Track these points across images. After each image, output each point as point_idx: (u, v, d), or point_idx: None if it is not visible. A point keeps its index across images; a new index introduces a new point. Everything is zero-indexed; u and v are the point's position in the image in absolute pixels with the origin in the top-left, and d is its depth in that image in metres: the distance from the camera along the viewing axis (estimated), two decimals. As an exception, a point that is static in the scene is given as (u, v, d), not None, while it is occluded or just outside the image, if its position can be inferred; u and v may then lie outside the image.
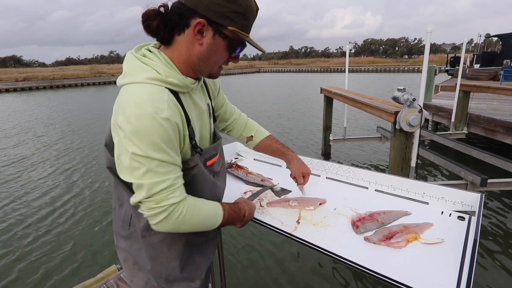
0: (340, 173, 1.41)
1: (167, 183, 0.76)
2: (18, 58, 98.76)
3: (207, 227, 0.89)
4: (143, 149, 0.72)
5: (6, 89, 27.12)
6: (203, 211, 0.86)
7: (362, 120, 9.15)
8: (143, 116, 0.71)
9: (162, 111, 0.73)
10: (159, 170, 0.74)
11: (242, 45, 0.85)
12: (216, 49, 0.81)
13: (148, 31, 0.80)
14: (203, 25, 0.77)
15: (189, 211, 0.81)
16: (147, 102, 0.73)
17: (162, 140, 0.73)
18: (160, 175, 0.75)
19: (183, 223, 0.81)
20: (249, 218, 1.05)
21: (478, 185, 3.49)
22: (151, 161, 0.73)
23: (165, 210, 0.77)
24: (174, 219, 0.79)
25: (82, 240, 3.41)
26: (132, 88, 0.77)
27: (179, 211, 0.79)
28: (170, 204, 0.77)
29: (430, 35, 3.20)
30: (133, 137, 0.71)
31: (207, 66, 0.85)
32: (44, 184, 5.07)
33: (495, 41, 25.42)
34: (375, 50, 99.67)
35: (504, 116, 5.61)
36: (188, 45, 0.81)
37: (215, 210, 0.91)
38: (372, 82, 25.36)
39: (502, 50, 15.92)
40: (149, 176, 0.74)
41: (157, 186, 0.75)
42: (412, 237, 0.95)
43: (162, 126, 0.73)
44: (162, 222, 0.78)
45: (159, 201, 0.76)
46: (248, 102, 14.31)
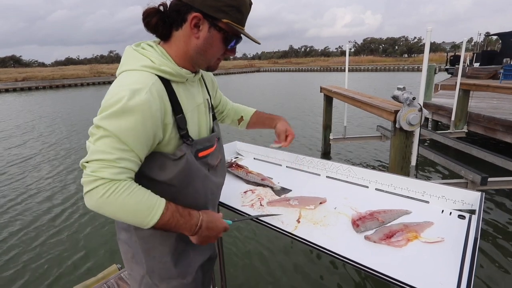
0: (340, 172, 1.41)
1: (108, 156, 0.75)
2: (18, 58, 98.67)
3: (135, 221, 0.80)
4: (104, 119, 0.75)
5: (5, 89, 27.12)
6: (133, 201, 0.77)
7: (362, 119, 9.14)
8: (117, 95, 0.75)
9: (140, 92, 0.76)
10: (109, 142, 0.75)
11: (237, 37, 0.89)
12: (212, 41, 0.85)
13: (148, 28, 0.85)
14: (199, 18, 0.81)
15: (116, 193, 0.75)
16: (127, 85, 0.77)
17: (125, 117, 0.74)
18: (107, 147, 0.75)
19: (106, 204, 0.75)
20: (209, 234, 0.91)
21: (478, 183, 3.49)
22: (105, 131, 0.74)
23: (94, 182, 0.74)
24: (99, 196, 0.74)
25: (82, 239, 3.41)
26: (125, 74, 0.82)
27: (106, 189, 0.74)
28: (99, 177, 0.74)
29: (430, 34, 3.20)
30: (101, 110, 0.76)
31: (204, 59, 0.89)
32: (50, 185, 5.07)
33: (495, 39, 25.41)
34: (375, 49, 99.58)
35: (504, 114, 5.60)
36: (186, 39, 0.85)
37: (152, 206, 0.80)
38: (372, 81, 25.35)
39: (502, 48, 15.90)
40: (98, 143, 0.75)
41: (98, 154, 0.75)
42: (413, 236, 0.95)
43: (133, 106, 0.74)
44: (88, 195, 0.75)
45: (93, 170, 0.74)
46: (248, 102, 14.31)
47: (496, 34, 17.29)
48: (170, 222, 0.82)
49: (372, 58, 64.63)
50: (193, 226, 0.87)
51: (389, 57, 76.45)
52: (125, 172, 0.78)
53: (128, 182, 0.78)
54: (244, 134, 8.11)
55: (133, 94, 0.75)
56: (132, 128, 0.75)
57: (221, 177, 1.09)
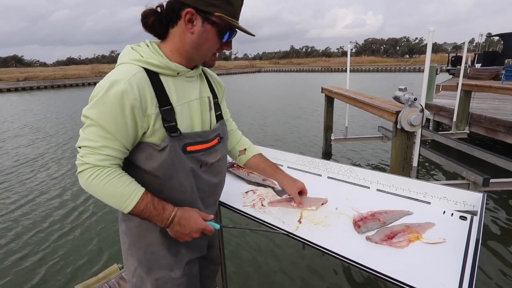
0: (341, 172, 1.41)
1: (93, 143, 0.82)
2: (19, 58, 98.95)
3: (113, 205, 0.88)
4: (89, 109, 0.82)
5: (7, 89, 27.18)
6: (112, 187, 0.85)
7: (364, 120, 9.14)
8: (100, 86, 0.82)
9: (118, 83, 0.81)
10: (94, 130, 0.82)
11: (231, 30, 0.91)
12: (207, 36, 0.88)
13: (145, 28, 0.90)
14: (192, 14, 0.85)
15: (98, 178, 0.83)
16: (112, 76, 0.83)
17: (106, 107, 0.81)
18: (93, 135, 0.82)
19: (91, 186, 0.85)
20: (181, 230, 0.92)
21: (480, 185, 3.48)
22: (91, 120, 0.82)
23: (81, 165, 0.84)
24: (85, 179, 0.84)
25: (84, 238, 3.42)
26: (116, 68, 0.88)
27: (90, 173, 0.83)
28: (85, 163, 0.83)
29: (432, 34, 3.19)
30: (89, 100, 0.83)
31: (200, 54, 0.92)
32: (57, 184, 5.08)
33: (496, 40, 25.34)
34: (376, 49, 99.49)
35: (505, 115, 5.59)
36: (181, 35, 0.89)
37: (128, 194, 0.86)
38: (373, 82, 25.33)
39: (504, 49, 15.87)
40: (86, 131, 0.83)
41: (85, 141, 0.83)
42: (414, 237, 0.95)
43: (112, 96, 0.80)
44: (78, 176, 0.86)
45: (81, 155, 0.84)
46: (250, 103, 14.31)
47: (498, 35, 17.25)
48: (144, 212, 0.88)
49: (374, 59, 64.59)
50: (165, 219, 0.90)
51: (390, 58, 76.38)
52: (109, 159, 0.85)
53: (111, 169, 0.85)
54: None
55: (111, 84, 0.80)
56: (112, 117, 0.81)
57: (217, 176, 1.06)
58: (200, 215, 0.96)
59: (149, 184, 0.91)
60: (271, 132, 8.31)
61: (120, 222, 1.05)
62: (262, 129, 8.78)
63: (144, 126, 0.86)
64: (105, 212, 3.99)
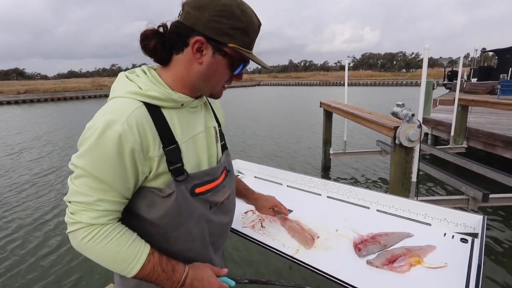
0: (341, 192, 1.41)
1: (86, 198, 0.70)
2: (21, 71, 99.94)
3: (115, 270, 0.76)
4: (79, 156, 0.70)
5: (7, 101, 27.31)
6: (112, 249, 0.72)
7: (363, 134, 9.18)
8: (94, 125, 0.69)
9: (115, 124, 0.68)
10: (87, 182, 0.70)
11: (244, 62, 0.80)
12: (216, 68, 0.77)
13: (145, 51, 0.77)
14: (202, 43, 0.73)
15: (95, 240, 0.71)
16: (106, 113, 0.71)
17: (100, 154, 0.68)
18: (86, 188, 0.70)
19: (86, 249, 0.73)
20: None
21: (479, 200, 3.47)
22: (83, 170, 0.70)
23: (73, 225, 0.72)
24: (78, 240, 0.72)
25: (80, 257, 3.36)
26: (110, 101, 0.75)
27: (84, 235, 0.71)
28: (77, 221, 0.71)
29: (428, 51, 3.26)
30: (79, 143, 0.72)
31: (208, 85, 0.81)
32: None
33: (491, 55, 25.82)
34: (373, 64, 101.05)
35: (502, 130, 5.63)
36: (187, 64, 0.77)
37: (132, 256, 0.74)
38: (372, 96, 25.59)
39: (499, 64, 16.17)
40: (76, 182, 0.71)
41: (76, 196, 0.71)
42: (415, 261, 0.94)
43: (107, 140, 0.68)
44: (70, 236, 0.73)
45: (73, 212, 0.72)
46: (250, 116, 14.39)
47: (493, 51, 17.62)
48: (151, 276, 0.76)
49: (371, 73, 65.51)
50: (175, 283, 0.78)
51: (387, 72, 77.47)
52: (106, 215, 0.73)
53: (110, 227, 0.73)
54: (245, 152, 8.13)
55: (107, 126, 0.68)
56: (109, 165, 0.69)
57: (227, 215, 0.96)
58: (213, 271, 0.85)
59: (151, 235, 0.79)
60: (268, 146, 8.32)
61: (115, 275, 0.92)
62: (260, 142, 8.79)
63: (146, 171, 0.74)
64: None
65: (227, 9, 0.72)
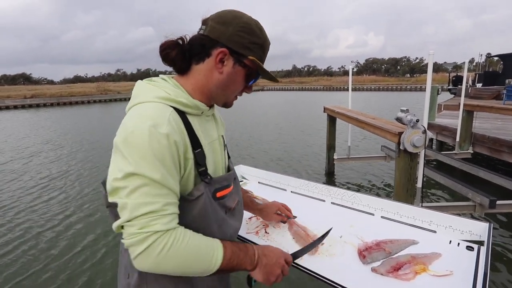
0: (345, 198, 1.41)
1: (154, 206, 0.67)
2: (28, 76, 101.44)
3: (199, 269, 0.73)
4: (133, 165, 0.67)
5: (14, 106, 27.70)
6: (194, 246, 0.72)
7: (367, 139, 9.14)
8: (139, 130, 0.68)
9: (160, 126, 0.70)
10: (148, 190, 0.68)
11: (258, 75, 0.88)
12: (235, 77, 0.84)
13: (166, 60, 0.82)
14: (225, 54, 0.80)
15: (175, 244, 0.69)
16: (146, 117, 0.71)
17: (156, 157, 0.68)
18: (148, 196, 0.67)
19: (167, 259, 0.68)
20: (269, 262, 0.83)
21: (486, 206, 3.42)
22: (141, 178, 0.67)
23: (147, 239, 0.66)
24: (157, 253, 0.67)
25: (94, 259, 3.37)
26: (138, 107, 0.76)
27: (164, 242, 0.67)
28: (153, 232, 0.66)
29: (432, 57, 3.25)
30: (125, 152, 0.68)
31: (224, 94, 0.87)
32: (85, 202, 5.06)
33: (496, 60, 25.69)
34: (377, 69, 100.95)
35: (509, 135, 5.58)
36: (207, 73, 0.82)
37: (212, 245, 0.75)
38: (376, 101, 25.52)
39: (504, 69, 16.08)
40: (135, 196, 0.67)
41: (142, 208, 0.66)
42: (421, 269, 0.94)
43: (159, 142, 0.68)
44: (143, 255, 0.67)
45: (142, 227, 0.66)
46: (255, 121, 14.42)
47: (498, 56, 17.53)
48: (232, 259, 0.77)
49: (375, 78, 65.45)
50: (252, 256, 0.81)
51: (391, 77, 77.33)
52: (175, 218, 0.72)
53: (181, 228, 0.72)
54: (249, 158, 8.13)
55: (154, 129, 0.69)
56: (166, 167, 0.70)
57: (238, 221, 0.98)
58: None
59: None
60: (272, 151, 8.32)
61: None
62: (264, 147, 8.79)
63: (182, 172, 0.76)
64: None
65: (248, 26, 0.81)
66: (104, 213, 4.50)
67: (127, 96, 37.61)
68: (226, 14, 0.81)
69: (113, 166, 0.71)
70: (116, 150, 0.71)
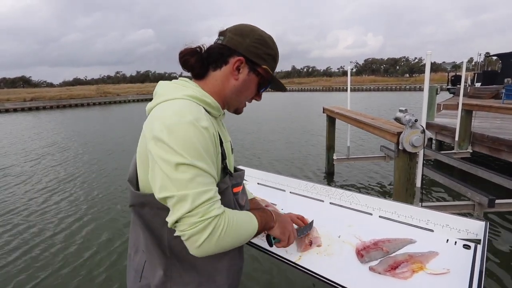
0: (343, 199, 1.42)
1: (210, 193, 0.73)
2: (27, 79, 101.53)
3: (248, 237, 0.84)
4: (186, 157, 0.70)
5: (14, 109, 27.72)
6: (240, 222, 0.80)
7: (367, 138, 9.15)
8: (184, 123, 0.72)
9: (201, 120, 0.75)
10: (202, 180, 0.72)
11: (269, 83, 0.96)
12: (249, 84, 0.92)
13: (185, 66, 0.89)
14: (241, 62, 0.88)
15: (230, 224, 0.76)
16: (186, 112, 0.75)
17: (203, 148, 0.73)
18: (204, 185, 0.72)
19: (226, 238, 0.74)
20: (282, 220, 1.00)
21: (485, 206, 3.43)
22: (195, 169, 0.71)
23: (209, 225, 0.71)
24: (218, 235, 0.72)
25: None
26: (168, 103, 0.79)
27: (222, 225, 0.73)
28: (213, 217, 0.71)
29: (430, 57, 3.27)
30: (175, 146, 0.70)
31: (238, 100, 0.94)
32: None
33: (495, 59, 25.77)
34: (376, 69, 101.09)
35: (508, 135, 5.59)
36: (224, 79, 0.89)
37: (249, 217, 0.86)
38: (375, 101, 25.55)
39: (503, 68, 16.10)
40: (193, 186, 0.70)
41: (202, 196, 0.71)
42: (418, 267, 0.95)
43: (203, 134, 0.74)
44: (208, 241, 0.71)
45: (203, 214, 0.70)
46: (255, 121, 14.44)
47: (496, 55, 17.56)
48: (262, 221, 0.90)
49: (374, 78, 65.54)
50: (271, 216, 0.97)
51: (390, 77, 77.41)
52: (220, 200, 0.78)
53: (227, 209, 0.79)
54: (247, 159, 8.14)
55: (196, 121, 0.74)
56: (211, 158, 0.76)
57: None
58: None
59: None
60: (272, 151, 8.33)
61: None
62: (265, 147, 8.81)
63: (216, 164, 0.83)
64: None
65: (263, 39, 0.90)
66: (117, 213, 4.51)
67: (127, 99, 37.66)
68: (244, 27, 0.90)
69: (161, 160, 0.71)
70: (157, 144, 0.72)
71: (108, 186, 5.86)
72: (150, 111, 0.83)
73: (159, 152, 0.71)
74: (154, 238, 0.85)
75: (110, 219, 4.40)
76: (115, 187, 5.76)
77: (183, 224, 0.70)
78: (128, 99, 37.58)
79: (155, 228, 0.84)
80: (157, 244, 0.85)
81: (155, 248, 0.85)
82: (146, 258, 0.89)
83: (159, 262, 0.85)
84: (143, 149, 0.80)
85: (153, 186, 0.75)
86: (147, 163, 0.78)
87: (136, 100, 38.00)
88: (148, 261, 0.88)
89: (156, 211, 0.82)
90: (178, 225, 0.71)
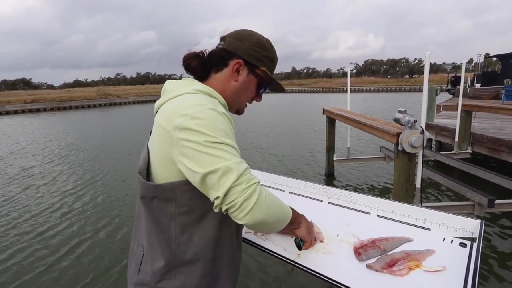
0: (342, 198, 1.43)
1: (244, 163, 0.77)
2: (28, 81, 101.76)
3: (283, 215, 0.87)
4: (217, 137, 0.74)
5: (14, 111, 27.79)
6: (275, 196, 0.84)
7: (367, 139, 9.17)
8: (206, 110, 0.77)
9: (219, 107, 0.82)
10: (236, 152, 0.77)
11: (268, 84, 1.01)
12: (248, 85, 0.97)
13: (188, 69, 0.95)
14: (240, 64, 0.93)
15: (269, 194, 0.79)
16: (204, 101, 0.81)
17: (228, 130, 0.78)
18: (238, 157, 0.77)
19: (270, 204, 0.78)
20: (309, 223, 1.06)
21: (485, 206, 3.44)
22: (227, 146, 0.75)
23: (256, 189, 0.74)
24: (264, 199, 0.75)
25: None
26: (182, 97, 0.84)
27: (264, 190, 0.77)
28: (257, 183, 0.75)
29: (429, 58, 3.29)
30: (204, 129, 0.74)
31: (238, 101, 0.99)
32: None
33: (495, 60, 25.79)
34: (376, 70, 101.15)
35: (508, 135, 5.61)
36: (225, 81, 0.95)
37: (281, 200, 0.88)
38: (375, 102, 25.56)
39: (502, 69, 16.13)
40: (232, 157, 0.74)
41: (242, 165, 0.75)
42: (414, 265, 0.96)
43: (225, 118, 0.80)
44: (257, 204, 0.73)
45: (248, 181, 0.73)
46: (256, 123, 14.46)
47: (496, 56, 17.60)
48: (293, 211, 0.96)
49: (374, 79, 65.63)
50: (298, 214, 1.02)
51: (391, 78, 77.48)
52: None
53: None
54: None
55: (216, 109, 0.79)
56: (235, 140, 0.81)
57: None
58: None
59: (211, 224, 0.87)
60: (274, 152, 8.34)
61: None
62: (266, 147, 8.82)
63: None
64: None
65: (261, 42, 0.96)
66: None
67: (127, 100, 37.74)
68: (242, 32, 0.96)
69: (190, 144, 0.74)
70: (185, 132, 0.75)
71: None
72: (159, 108, 0.88)
73: (190, 138, 0.74)
74: (160, 230, 0.87)
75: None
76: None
77: (233, 194, 0.72)
78: (129, 101, 37.67)
79: (163, 221, 0.87)
80: (162, 236, 0.87)
81: (159, 241, 0.87)
82: (147, 251, 0.90)
83: (161, 254, 0.87)
84: (161, 144, 0.82)
85: (188, 173, 0.76)
86: (165, 154, 0.81)
87: (137, 102, 38.11)
88: (150, 253, 0.89)
89: (163, 204, 0.86)
90: (227, 197, 0.72)
